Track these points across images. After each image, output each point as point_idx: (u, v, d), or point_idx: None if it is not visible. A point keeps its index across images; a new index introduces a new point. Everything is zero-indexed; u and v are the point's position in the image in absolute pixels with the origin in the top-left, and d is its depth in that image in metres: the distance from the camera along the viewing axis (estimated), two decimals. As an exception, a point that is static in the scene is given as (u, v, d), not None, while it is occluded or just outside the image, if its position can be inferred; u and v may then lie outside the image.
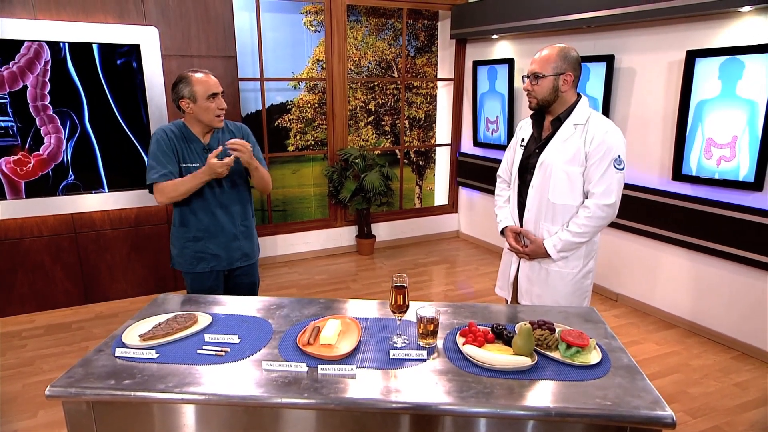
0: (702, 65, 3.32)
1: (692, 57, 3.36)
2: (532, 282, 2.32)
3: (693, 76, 3.37)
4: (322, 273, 4.83)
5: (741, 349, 3.38)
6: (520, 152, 2.33)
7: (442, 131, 5.88)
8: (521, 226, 2.32)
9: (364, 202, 5.00)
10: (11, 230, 3.75)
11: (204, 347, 1.65)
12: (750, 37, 3.12)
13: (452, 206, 5.93)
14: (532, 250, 2.25)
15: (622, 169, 2.10)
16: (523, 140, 2.34)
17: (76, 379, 1.49)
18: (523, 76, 2.21)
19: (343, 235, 5.36)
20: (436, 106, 5.83)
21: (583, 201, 2.16)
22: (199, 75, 2.27)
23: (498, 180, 2.55)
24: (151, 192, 2.34)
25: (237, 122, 2.55)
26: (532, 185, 2.24)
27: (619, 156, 2.09)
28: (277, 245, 5.07)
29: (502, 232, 2.40)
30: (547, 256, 2.21)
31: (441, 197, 6.05)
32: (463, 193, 5.82)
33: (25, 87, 3.54)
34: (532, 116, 2.31)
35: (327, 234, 5.28)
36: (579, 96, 2.19)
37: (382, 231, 5.51)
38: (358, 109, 5.38)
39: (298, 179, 5.29)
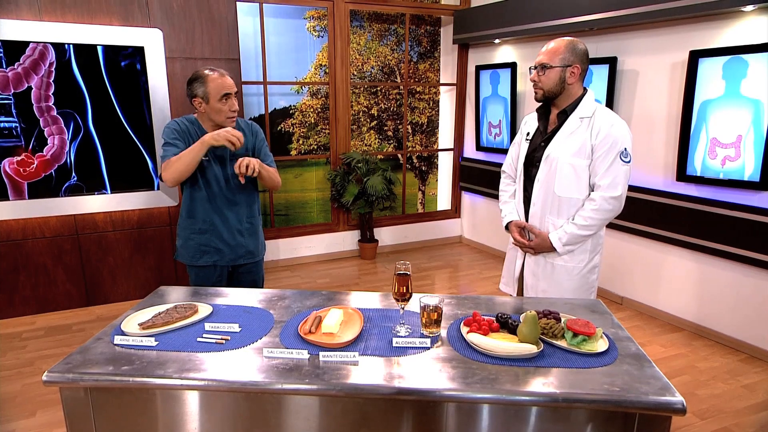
0: (705, 65, 3.32)
1: (695, 57, 3.35)
2: (537, 277, 2.29)
3: (696, 76, 3.36)
4: (325, 277, 4.80)
5: (749, 351, 3.33)
6: (525, 146, 2.32)
7: (445, 136, 5.88)
8: (527, 220, 2.30)
9: (366, 206, 4.98)
10: (13, 231, 3.74)
11: (204, 335, 1.63)
12: (753, 36, 3.12)
13: (455, 211, 5.91)
14: (537, 244, 2.22)
15: (629, 161, 2.09)
16: (528, 134, 2.33)
17: (74, 365, 1.47)
18: (530, 67, 2.20)
19: (346, 240, 5.33)
20: (438, 111, 5.84)
21: (589, 194, 2.14)
22: (213, 74, 2.26)
23: (502, 175, 2.54)
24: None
25: (247, 120, 2.55)
26: (538, 179, 2.22)
27: (625, 149, 2.08)
28: (280, 249, 5.05)
29: (507, 227, 2.38)
30: (553, 249, 2.19)
31: (444, 202, 6.03)
32: (466, 198, 5.80)
33: (30, 88, 3.55)
34: (537, 110, 2.30)
35: (329, 238, 5.26)
36: (585, 90, 2.18)
37: (385, 235, 5.48)
38: (360, 114, 5.40)
39: (301, 184, 5.29)
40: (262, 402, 1.45)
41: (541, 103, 2.27)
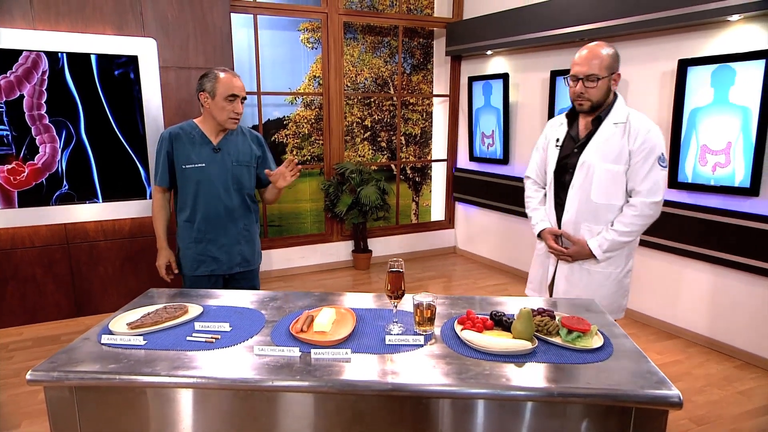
0: (694, 74, 3.36)
1: (684, 66, 3.39)
2: (572, 284, 2.24)
3: (686, 84, 3.40)
4: (318, 287, 4.77)
5: (744, 358, 3.32)
6: (555, 153, 2.27)
7: (438, 147, 5.90)
8: (559, 227, 2.25)
9: (360, 216, 4.97)
10: (2, 240, 3.69)
11: (194, 334, 1.60)
12: (740, 45, 3.17)
13: (449, 222, 5.91)
14: (575, 251, 2.17)
15: (665, 167, 2.09)
16: (558, 140, 2.27)
17: (59, 363, 1.44)
18: (567, 78, 2.14)
19: (340, 250, 5.31)
20: (431, 122, 5.87)
21: (627, 200, 2.12)
22: (224, 74, 2.29)
23: (527, 181, 2.47)
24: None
25: (254, 131, 2.58)
26: (573, 186, 2.18)
27: (662, 154, 2.07)
28: (273, 260, 5.02)
29: (539, 235, 2.33)
30: (591, 256, 2.15)
31: (437, 213, 6.03)
32: (460, 209, 5.81)
33: (22, 96, 3.54)
34: (567, 115, 2.27)
35: (323, 249, 5.23)
36: (615, 94, 2.16)
37: (379, 246, 5.46)
38: (354, 125, 5.42)
39: (294, 194, 5.28)
40: (253, 400, 1.41)
41: (570, 109, 2.23)
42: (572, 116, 2.24)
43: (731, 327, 3.38)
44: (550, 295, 2.35)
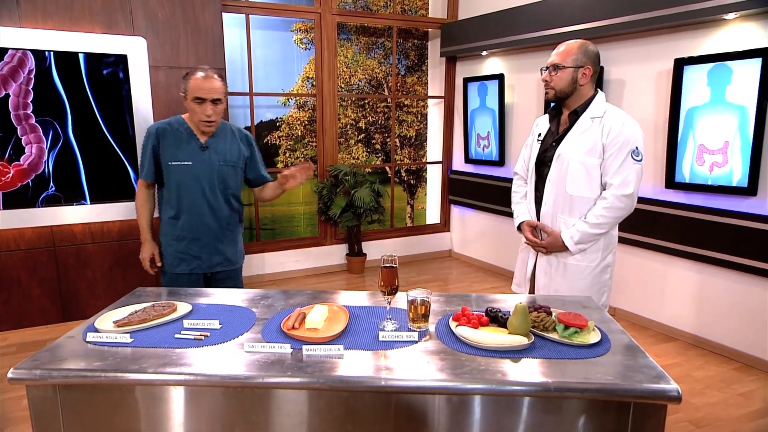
0: (690, 73, 3.34)
1: (680, 65, 3.38)
2: (550, 276, 2.27)
3: (682, 83, 3.38)
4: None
5: (743, 360, 3.29)
6: (536, 147, 2.33)
7: (433, 149, 5.87)
8: (538, 219, 2.29)
9: (354, 219, 4.92)
10: (-12, 243, 3.62)
11: (182, 332, 1.55)
12: (736, 44, 3.16)
13: (444, 225, 5.86)
14: (549, 243, 2.21)
15: (640, 160, 2.10)
16: (539, 135, 2.34)
17: (43, 362, 1.38)
18: (541, 68, 2.22)
19: (334, 254, 5.25)
20: (426, 124, 5.85)
21: (601, 193, 2.14)
22: (198, 75, 2.23)
23: (515, 177, 2.53)
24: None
25: (244, 130, 2.54)
26: (549, 178, 2.22)
27: (636, 147, 2.09)
28: (265, 263, 4.96)
29: (519, 228, 2.37)
30: (565, 248, 2.17)
31: (433, 216, 5.99)
32: (455, 212, 5.77)
33: (8, 95, 3.47)
34: (549, 111, 2.33)
35: (317, 252, 5.18)
36: (596, 91, 2.21)
37: (373, 249, 5.41)
38: (348, 127, 5.38)
39: (287, 197, 5.22)
40: (243, 398, 1.36)
41: (553, 105, 2.29)
42: (555, 112, 2.30)
43: (731, 329, 3.35)
44: (531, 289, 2.36)
